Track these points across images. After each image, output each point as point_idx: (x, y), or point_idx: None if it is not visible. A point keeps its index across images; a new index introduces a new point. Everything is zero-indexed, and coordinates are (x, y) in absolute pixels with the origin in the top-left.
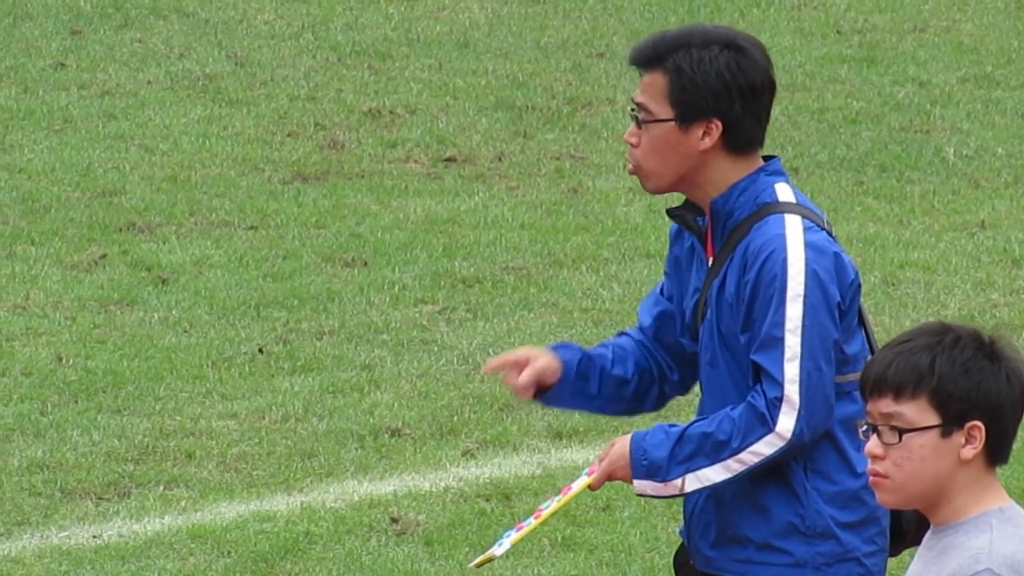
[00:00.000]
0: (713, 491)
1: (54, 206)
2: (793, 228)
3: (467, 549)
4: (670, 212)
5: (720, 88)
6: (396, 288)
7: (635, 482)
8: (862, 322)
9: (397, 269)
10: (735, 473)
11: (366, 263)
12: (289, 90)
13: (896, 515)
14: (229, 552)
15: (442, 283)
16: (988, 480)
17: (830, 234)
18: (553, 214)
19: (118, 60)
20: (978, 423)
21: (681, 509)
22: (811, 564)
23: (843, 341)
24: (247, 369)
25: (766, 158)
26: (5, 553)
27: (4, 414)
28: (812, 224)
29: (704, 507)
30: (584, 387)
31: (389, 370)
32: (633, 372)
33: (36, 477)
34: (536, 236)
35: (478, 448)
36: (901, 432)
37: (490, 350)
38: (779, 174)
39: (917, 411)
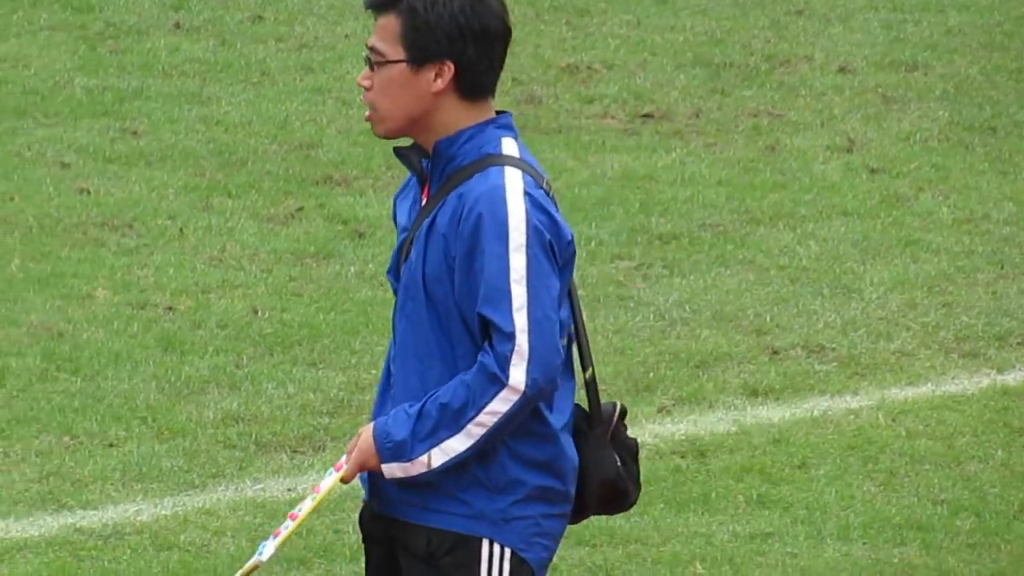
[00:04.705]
0: None
1: (251, 159)
2: (513, 181)
3: (662, 505)
4: (396, 151)
5: (453, 30)
6: (592, 244)
7: (383, 466)
8: (570, 296)
9: (594, 225)
10: (477, 438)
11: None
12: None
13: (580, 487)
14: None
15: (638, 239)
16: None
17: (548, 195)
18: (750, 171)
19: (316, 13)
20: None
21: None
22: (488, 518)
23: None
24: None
25: (499, 113)
26: (200, 505)
27: (200, 367)
28: (533, 180)
29: None
30: None
31: (585, 325)
32: None
33: (231, 430)
34: (733, 193)
35: (674, 405)
36: None
37: (686, 306)
38: (508, 128)
39: None
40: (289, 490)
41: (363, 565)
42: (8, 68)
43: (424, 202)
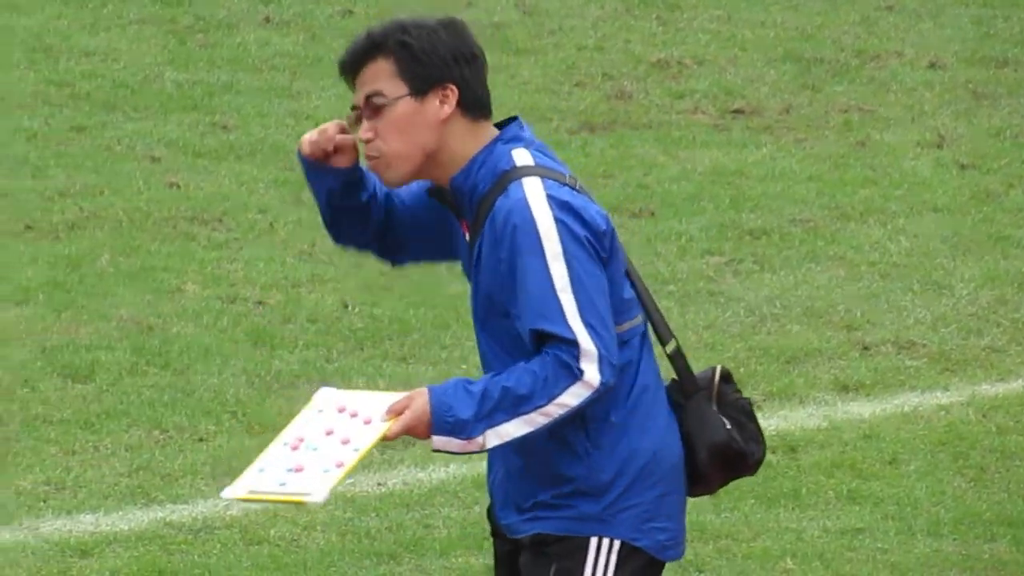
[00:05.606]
0: (504, 462)
1: None
2: (533, 190)
3: (752, 501)
4: (428, 191)
5: (447, 55)
6: (683, 239)
7: (435, 438)
8: (627, 273)
9: (684, 220)
10: (537, 427)
11: (653, 213)
12: (577, 40)
13: (691, 460)
14: None
15: (729, 234)
16: None
17: (575, 189)
18: (841, 167)
19: (406, 8)
20: None
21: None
22: (594, 518)
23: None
24: None
25: (500, 125)
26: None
27: (290, 360)
28: (554, 182)
29: (503, 479)
30: (359, 190)
31: (675, 321)
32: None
33: None
34: (823, 189)
35: (764, 400)
36: None
37: (777, 302)
38: (516, 140)
39: None
40: (379, 484)
41: (453, 560)
42: (98, 62)
43: (467, 237)
